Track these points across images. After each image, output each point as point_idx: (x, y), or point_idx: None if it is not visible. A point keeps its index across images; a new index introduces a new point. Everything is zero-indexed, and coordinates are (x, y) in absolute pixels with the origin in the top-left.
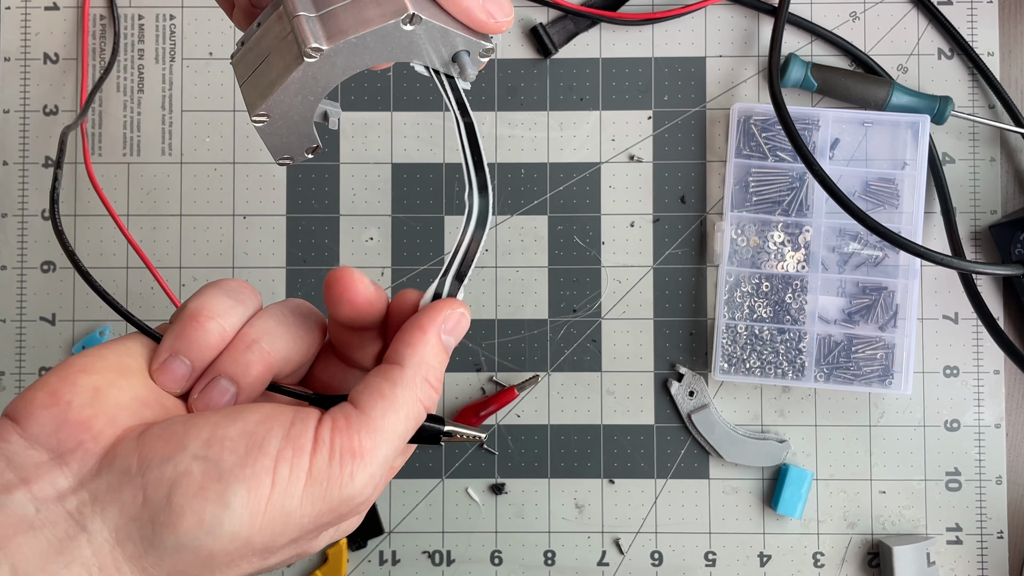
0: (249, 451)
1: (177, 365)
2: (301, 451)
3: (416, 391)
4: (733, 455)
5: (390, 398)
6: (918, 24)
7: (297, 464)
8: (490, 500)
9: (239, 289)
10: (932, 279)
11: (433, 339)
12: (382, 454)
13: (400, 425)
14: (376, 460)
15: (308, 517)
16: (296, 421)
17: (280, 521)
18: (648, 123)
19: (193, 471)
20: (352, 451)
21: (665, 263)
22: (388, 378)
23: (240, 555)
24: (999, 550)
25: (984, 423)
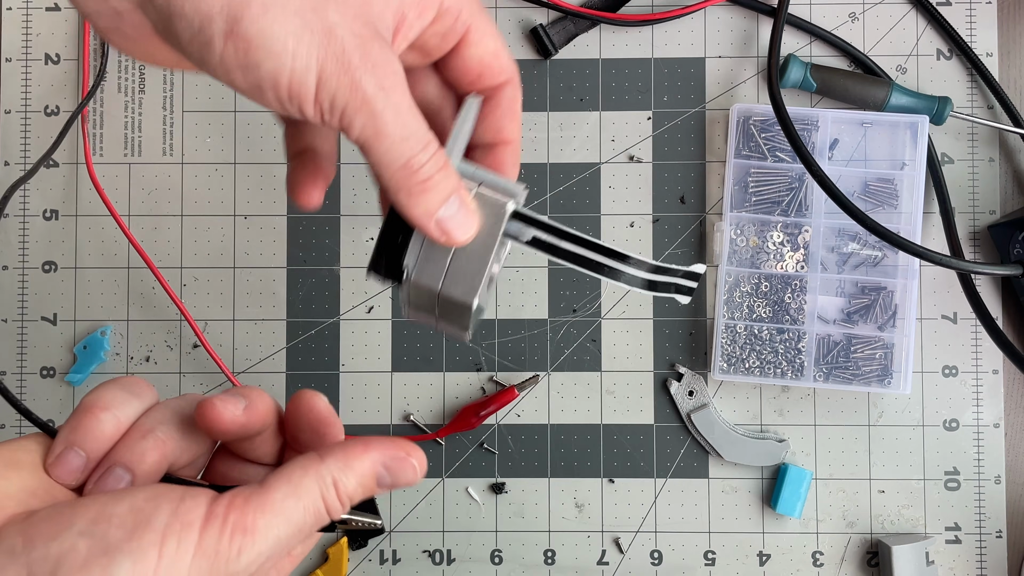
0: (136, 526)
1: (72, 457)
2: (190, 526)
3: (324, 487)
4: (732, 455)
5: (295, 483)
6: (917, 25)
7: (185, 538)
8: (490, 499)
9: (135, 384)
10: (931, 279)
11: (369, 459)
12: (273, 535)
13: (298, 513)
14: (266, 540)
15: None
16: (186, 498)
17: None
18: (648, 123)
19: (79, 547)
20: (244, 527)
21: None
22: (302, 465)
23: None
24: (998, 549)
25: (983, 423)
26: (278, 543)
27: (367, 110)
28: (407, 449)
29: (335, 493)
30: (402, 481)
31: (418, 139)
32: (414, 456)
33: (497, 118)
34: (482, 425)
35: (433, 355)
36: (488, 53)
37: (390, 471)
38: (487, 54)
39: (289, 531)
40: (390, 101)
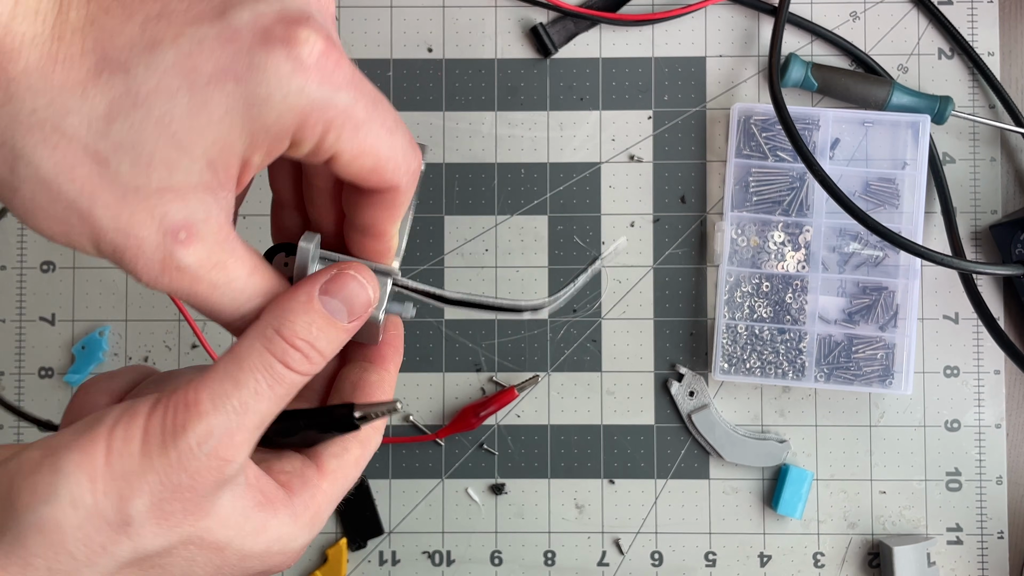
0: (88, 426)
1: None
2: (136, 415)
3: (267, 345)
4: (733, 455)
5: (234, 350)
6: (918, 24)
7: (131, 425)
8: (490, 500)
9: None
10: (932, 279)
11: (302, 297)
12: (227, 404)
13: (247, 375)
14: (218, 410)
15: (153, 474)
16: (139, 397)
17: (123, 482)
18: (648, 123)
19: (33, 456)
20: (185, 402)
21: (665, 263)
22: (245, 334)
23: (95, 529)
24: (999, 550)
25: (984, 423)
26: (234, 413)
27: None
28: (339, 265)
29: (282, 341)
30: (357, 303)
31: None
32: (350, 268)
33: (372, 213)
34: (482, 426)
35: (433, 355)
36: (364, 170)
37: (335, 295)
38: (362, 171)
39: (243, 397)
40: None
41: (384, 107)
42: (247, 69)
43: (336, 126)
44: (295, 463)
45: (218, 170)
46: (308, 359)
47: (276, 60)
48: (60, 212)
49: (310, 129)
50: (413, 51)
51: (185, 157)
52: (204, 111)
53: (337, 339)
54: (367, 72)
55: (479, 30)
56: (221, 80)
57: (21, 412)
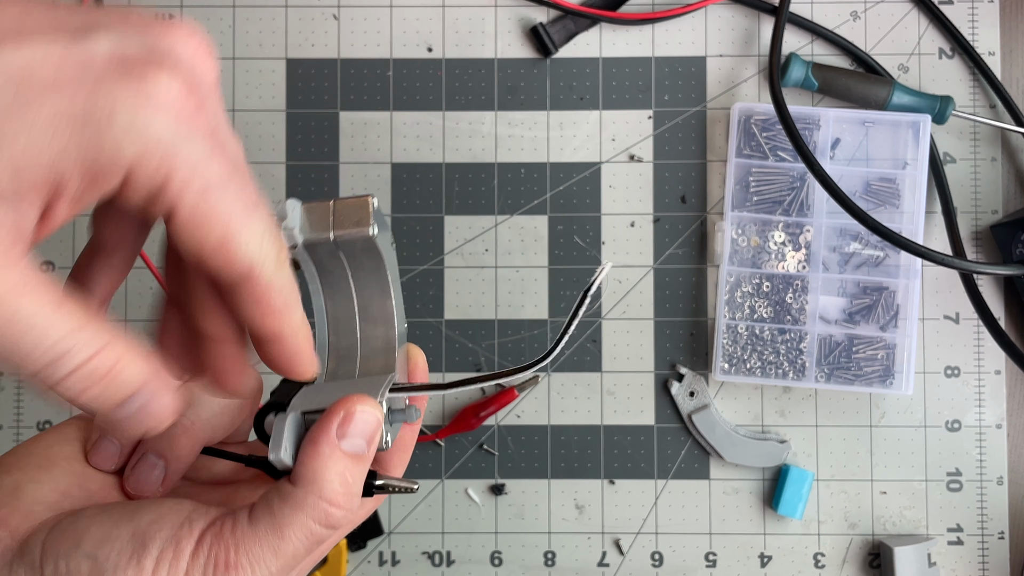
0: (135, 551)
1: (106, 445)
2: (181, 554)
3: (309, 513)
4: (734, 456)
5: (278, 517)
6: (919, 24)
7: (175, 567)
8: (490, 501)
9: None
10: (933, 279)
11: (326, 451)
12: (265, 571)
13: (288, 545)
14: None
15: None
16: (186, 522)
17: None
18: (648, 123)
19: (82, 569)
20: (226, 563)
21: (665, 263)
22: (281, 495)
23: None
24: (1000, 551)
25: (985, 423)
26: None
27: None
28: (344, 406)
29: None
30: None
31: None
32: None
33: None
34: (482, 426)
35: (432, 356)
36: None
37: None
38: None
39: (283, 563)
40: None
41: (246, 182)
42: (92, 87)
43: (180, 178)
44: None
45: (21, 178)
46: (348, 510)
47: (127, 89)
48: None
49: (148, 170)
50: (413, 51)
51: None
52: (28, 113)
53: (364, 472)
54: (367, 72)
55: (479, 30)
56: (59, 89)
57: None
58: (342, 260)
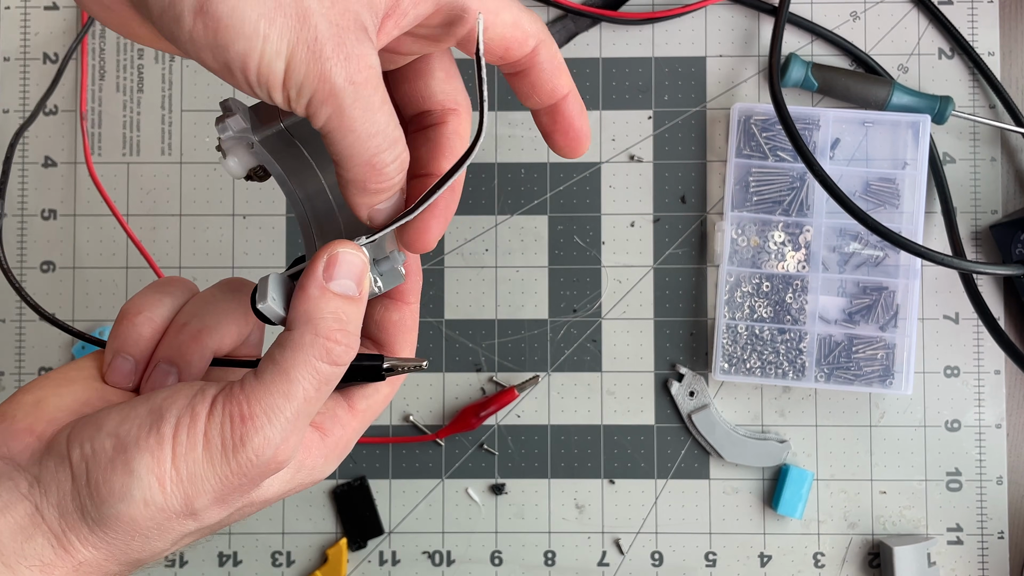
0: (153, 423)
1: (120, 363)
2: (197, 418)
3: (309, 352)
4: (733, 455)
5: (280, 362)
6: (918, 24)
7: (193, 430)
8: (490, 500)
9: (167, 283)
10: (933, 279)
11: (315, 292)
12: (280, 417)
13: (296, 387)
14: (273, 423)
15: (215, 479)
16: (199, 392)
17: (189, 484)
18: (648, 123)
19: (106, 447)
20: (241, 415)
21: (665, 263)
22: (280, 343)
23: (164, 519)
24: (1000, 550)
25: (985, 423)
26: (290, 422)
27: (334, 103)
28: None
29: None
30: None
31: (385, 136)
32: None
33: (544, 82)
34: (482, 426)
35: (433, 355)
36: (506, 27)
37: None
38: (505, 28)
39: (298, 407)
40: (360, 95)
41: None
42: None
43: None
44: (328, 402)
45: None
46: (348, 346)
47: None
48: None
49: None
50: None
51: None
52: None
53: (359, 313)
54: None
55: None
56: None
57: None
58: (299, 146)
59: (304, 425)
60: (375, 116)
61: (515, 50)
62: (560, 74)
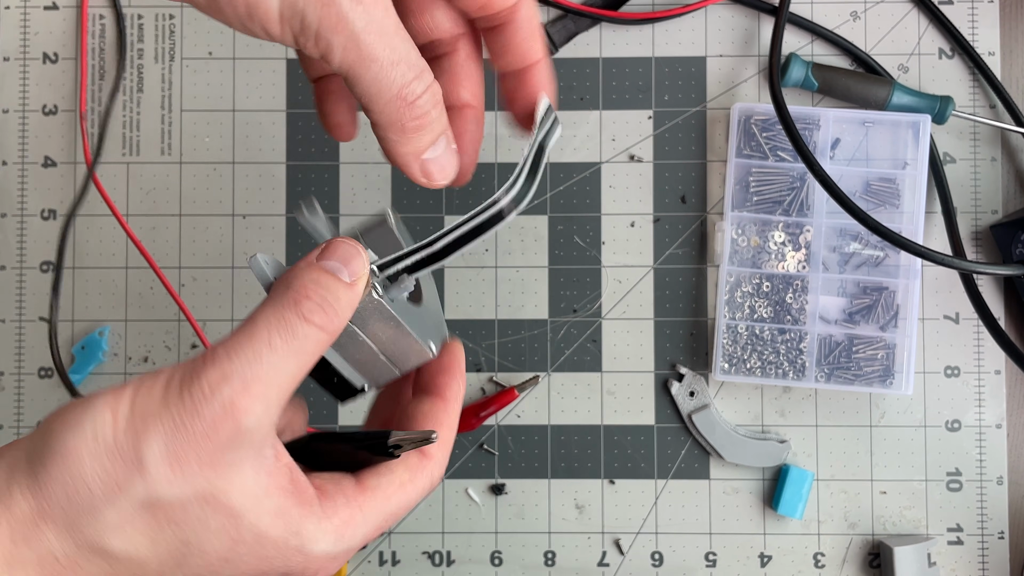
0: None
1: None
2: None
3: (279, 301)
4: (734, 455)
5: (251, 315)
6: (919, 24)
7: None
8: (490, 500)
9: None
10: (933, 279)
11: (302, 264)
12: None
13: (260, 329)
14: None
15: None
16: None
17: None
18: (648, 123)
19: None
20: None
21: (665, 263)
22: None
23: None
24: (1000, 551)
25: (985, 423)
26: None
27: (345, 29)
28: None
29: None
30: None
31: (410, 64)
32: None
33: (519, 42)
34: (482, 426)
35: None
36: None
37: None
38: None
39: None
40: (372, 17)
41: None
42: None
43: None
44: (335, 476)
45: None
46: (322, 309)
47: None
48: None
49: None
50: None
51: None
52: None
53: (344, 295)
54: None
55: None
56: None
57: None
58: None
59: (269, 380)
60: (393, 41)
61: (497, 1)
62: (536, 38)
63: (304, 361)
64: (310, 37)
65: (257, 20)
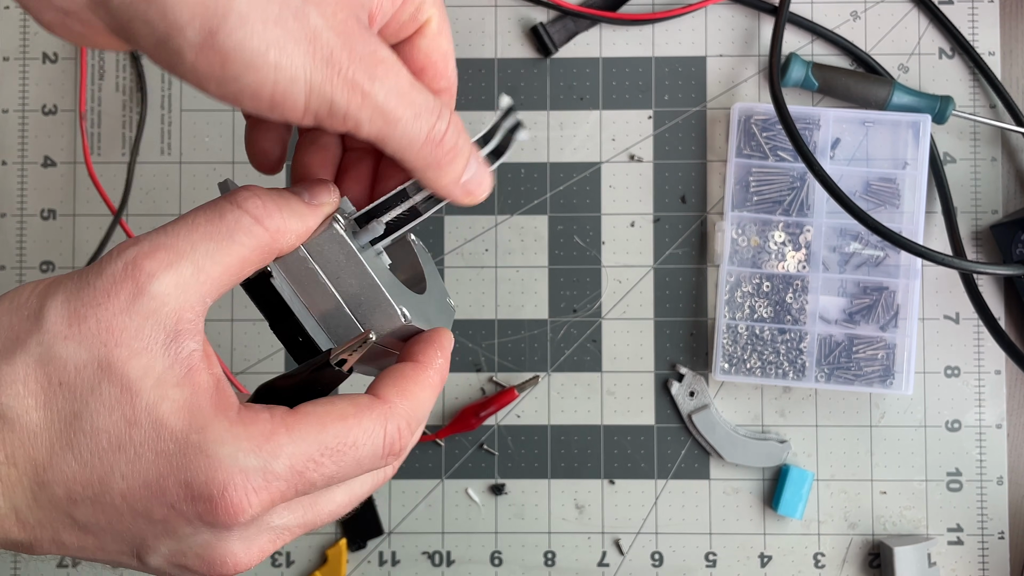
0: None
1: None
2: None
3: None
4: (734, 456)
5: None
6: (919, 24)
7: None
8: (490, 501)
9: None
10: (933, 279)
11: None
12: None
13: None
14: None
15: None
16: None
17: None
18: (648, 123)
19: None
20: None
21: (665, 263)
22: None
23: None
24: (1000, 551)
25: (985, 423)
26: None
27: (370, 105)
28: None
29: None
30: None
31: (430, 111)
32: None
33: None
34: (482, 426)
35: None
36: (438, 52)
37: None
38: (436, 53)
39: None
40: (390, 86)
41: None
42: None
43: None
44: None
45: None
46: (261, 202)
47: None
48: None
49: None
50: None
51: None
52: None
53: (298, 207)
54: None
55: (479, 30)
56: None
57: None
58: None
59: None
60: (410, 97)
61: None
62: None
63: (231, 250)
64: (338, 118)
65: (279, 111)
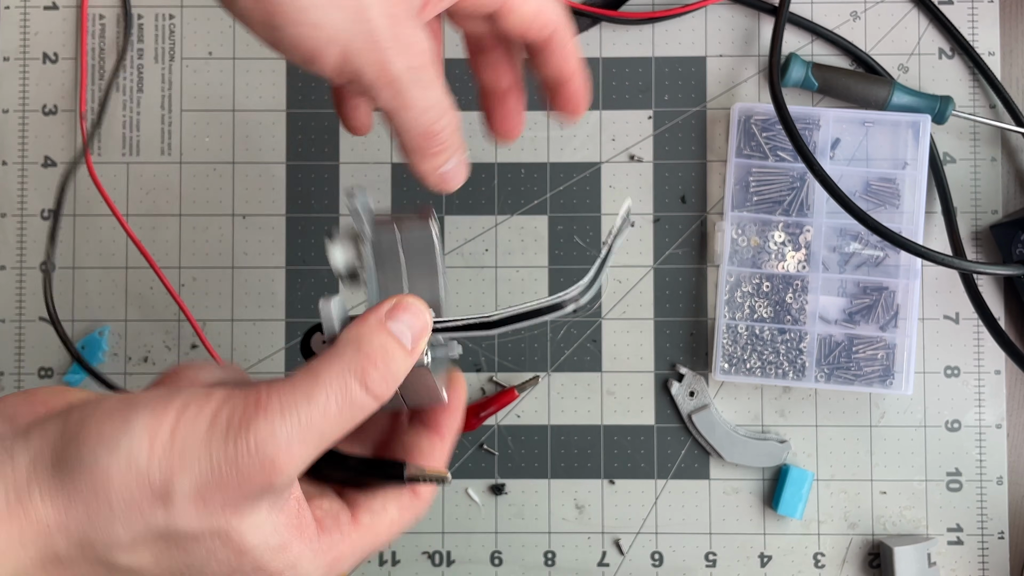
0: (167, 395)
1: None
2: (211, 397)
3: (346, 364)
4: (734, 455)
5: (313, 368)
6: (919, 24)
7: (204, 407)
8: (490, 500)
9: None
10: (933, 279)
11: (373, 321)
12: (294, 417)
13: (320, 391)
14: (285, 419)
15: (206, 461)
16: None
17: (179, 458)
18: (648, 123)
19: (112, 403)
20: (256, 402)
21: (665, 263)
22: (320, 355)
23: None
24: (1000, 551)
25: (985, 423)
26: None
27: (394, 88)
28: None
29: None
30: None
31: (439, 108)
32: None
33: (556, 63)
34: (482, 426)
35: None
36: (528, 15)
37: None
38: (527, 16)
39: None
40: (417, 79)
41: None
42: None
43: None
44: (334, 504)
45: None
46: (384, 381)
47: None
48: None
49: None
50: None
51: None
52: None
53: (405, 363)
54: None
55: None
56: None
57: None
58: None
59: (313, 444)
60: (429, 93)
61: (534, 33)
62: (567, 58)
63: (350, 426)
64: (362, 86)
65: (312, 66)
